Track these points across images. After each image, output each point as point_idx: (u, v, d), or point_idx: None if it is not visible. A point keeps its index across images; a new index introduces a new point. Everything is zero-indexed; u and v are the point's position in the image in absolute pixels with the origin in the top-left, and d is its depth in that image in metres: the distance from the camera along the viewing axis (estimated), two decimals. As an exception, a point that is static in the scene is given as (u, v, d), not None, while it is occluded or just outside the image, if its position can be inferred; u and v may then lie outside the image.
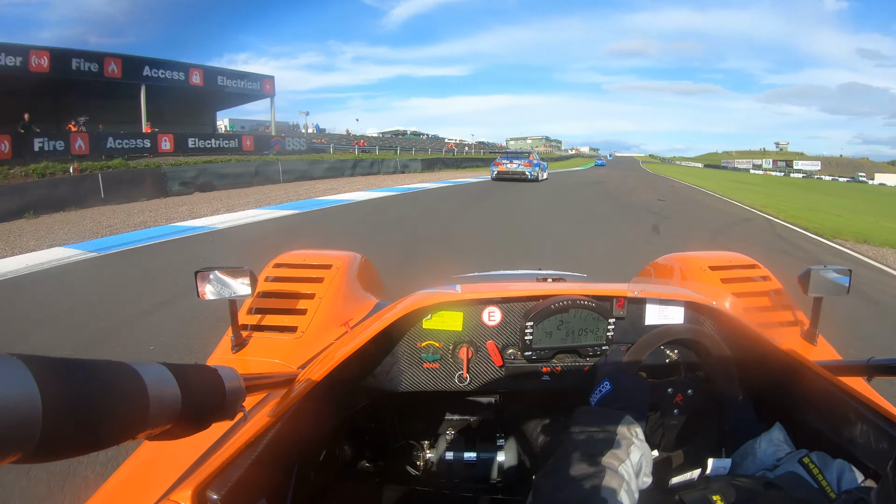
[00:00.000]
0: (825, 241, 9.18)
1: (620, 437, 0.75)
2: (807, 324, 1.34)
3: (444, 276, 1.73)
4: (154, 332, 3.62)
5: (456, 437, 1.30)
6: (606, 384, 0.93)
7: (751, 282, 1.57)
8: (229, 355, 1.25)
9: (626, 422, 0.78)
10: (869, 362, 0.91)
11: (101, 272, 5.58)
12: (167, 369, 0.49)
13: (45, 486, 1.96)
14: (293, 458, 0.91)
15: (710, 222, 11.19)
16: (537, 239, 8.06)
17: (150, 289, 4.74)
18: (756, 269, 1.62)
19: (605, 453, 0.71)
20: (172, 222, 8.71)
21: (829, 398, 0.94)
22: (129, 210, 10.17)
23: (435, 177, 22.06)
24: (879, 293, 5.45)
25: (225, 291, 1.18)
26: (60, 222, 8.63)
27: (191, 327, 3.64)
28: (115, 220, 8.78)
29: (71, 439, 0.36)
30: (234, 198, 12.41)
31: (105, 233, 7.67)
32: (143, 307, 4.17)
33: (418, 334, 1.14)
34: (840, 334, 1.71)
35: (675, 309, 1.16)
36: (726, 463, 0.85)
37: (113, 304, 4.27)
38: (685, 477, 0.82)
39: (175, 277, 5.02)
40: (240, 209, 10.56)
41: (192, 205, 11.06)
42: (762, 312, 1.44)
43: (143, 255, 6.36)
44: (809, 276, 1.22)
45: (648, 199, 15.83)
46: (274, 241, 5.85)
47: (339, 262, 1.60)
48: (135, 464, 0.88)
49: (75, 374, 0.37)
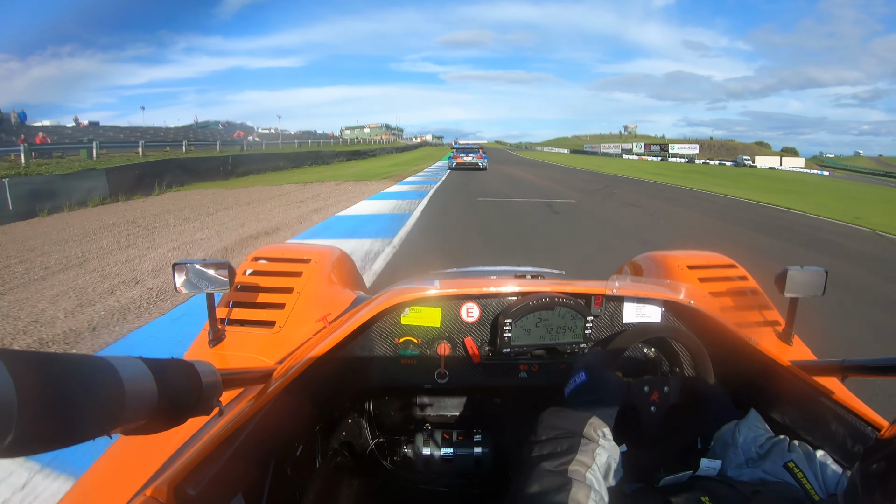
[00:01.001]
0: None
1: (586, 441, 0.75)
2: (783, 324, 1.37)
3: (422, 272, 1.72)
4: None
5: (433, 433, 1.32)
6: (582, 374, 0.94)
7: (728, 281, 1.59)
8: (206, 350, 1.23)
9: (592, 423, 0.78)
10: (843, 363, 0.93)
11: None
12: (143, 364, 0.49)
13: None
14: (270, 453, 0.91)
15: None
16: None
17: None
18: (734, 268, 1.64)
19: (571, 461, 0.71)
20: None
21: (804, 397, 0.96)
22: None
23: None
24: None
25: (202, 284, 1.16)
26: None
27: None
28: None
29: (46, 434, 0.36)
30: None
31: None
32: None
33: (396, 330, 1.14)
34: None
35: (652, 308, 1.17)
36: (716, 464, 0.86)
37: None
38: (675, 477, 0.84)
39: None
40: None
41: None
42: (739, 312, 1.46)
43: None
44: (786, 276, 1.24)
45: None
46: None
47: (318, 256, 1.59)
48: (110, 459, 0.87)
49: (51, 369, 0.37)
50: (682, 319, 1.18)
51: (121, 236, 7.38)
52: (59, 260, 5.83)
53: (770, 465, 0.87)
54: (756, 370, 1.04)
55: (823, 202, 15.79)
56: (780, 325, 1.39)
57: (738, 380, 1.06)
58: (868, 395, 1.03)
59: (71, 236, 7.43)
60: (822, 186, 27.13)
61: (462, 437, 1.31)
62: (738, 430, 0.96)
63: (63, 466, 2.00)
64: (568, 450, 0.73)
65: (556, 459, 0.72)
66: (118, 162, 14.62)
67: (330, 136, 54.52)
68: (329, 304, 1.37)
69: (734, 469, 0.92)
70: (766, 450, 0.90)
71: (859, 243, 8.40)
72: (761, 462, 0.89)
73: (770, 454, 0.89)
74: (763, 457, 0.90)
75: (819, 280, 1.26)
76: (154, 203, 11.47)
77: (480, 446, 1.30)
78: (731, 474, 0.91)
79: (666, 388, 1.03)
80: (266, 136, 41.17)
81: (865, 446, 0.59)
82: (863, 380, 0.92)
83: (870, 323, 4.29)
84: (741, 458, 0.93)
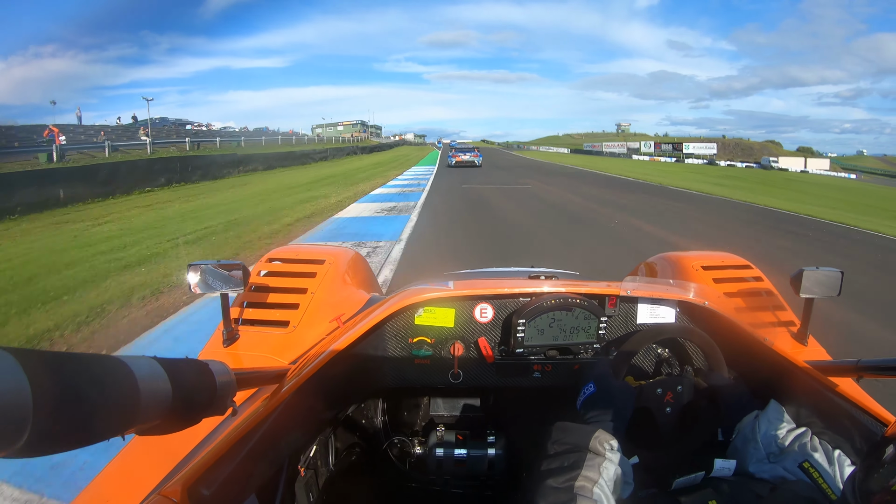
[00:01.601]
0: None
1: (592, 456, 0.75)
2: (798, 324, 1.35)
3: (436, 273, 1.67)
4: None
5: (446, 433, 1.31)
6: (591, 386, 0.94)
7: (743, 282, 1.57)
8: (220, 349, 1.24)
9: (598, 437, 0.77)
10: (858, 363, 0.92)
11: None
12: (158, 363, 0.49)
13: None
14: (283, 453, 0.91)
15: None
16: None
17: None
18: (748, 269, 1.62)
19: (576, 477, 0.71)
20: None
21: (819, 397, 0.95)
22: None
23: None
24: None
25: (217, 285, 1.17)
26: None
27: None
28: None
29: (61, 434, 0.36)
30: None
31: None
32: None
33: (410, 330, 1.14)
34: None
35: (666, 308, 1.16)
36: (730, 464, 0.85)
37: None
38: (689, 479, 0.83)
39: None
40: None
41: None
42: (753, 312, 1.44)
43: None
44: (802, 276, 1.22)
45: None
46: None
47: (332, 258, 1.60)
48: (124, 459, 0.88)
49: (66, 369, 0.37)
50: (696, 320, 1.16)
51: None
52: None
53: (790, 463, 0.86)
54: (771, 370, 1.03)
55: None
56: (795, 325, 1.37)
57: (752, 380, 1.05)
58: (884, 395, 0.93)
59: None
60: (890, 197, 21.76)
61: (475, 438, 1.30)
62: (758, 423, 0.95)
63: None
64: (573, 465, 0.73)
65: (562, 475, 0.72)
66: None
67: (290, 132, 46.32)
68: (343, 305, 1.37)
69: (755, 464, 0.91)
70: (787, 443, 0.89)
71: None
72: (782, 458, 0.88)
73: (790, 450, 0.88)
74: (784, 451, 0.89)
75: (835, 281, 1.24)
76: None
77: (493, 447, 1.29)
78: (751, 469, 0.90)
79: (679, 388, 1.02)
80: (203, 133, 32.62)
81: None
82: (879, 380, 0.90)
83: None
84: (762, 452, 0.92)
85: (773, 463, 0.89)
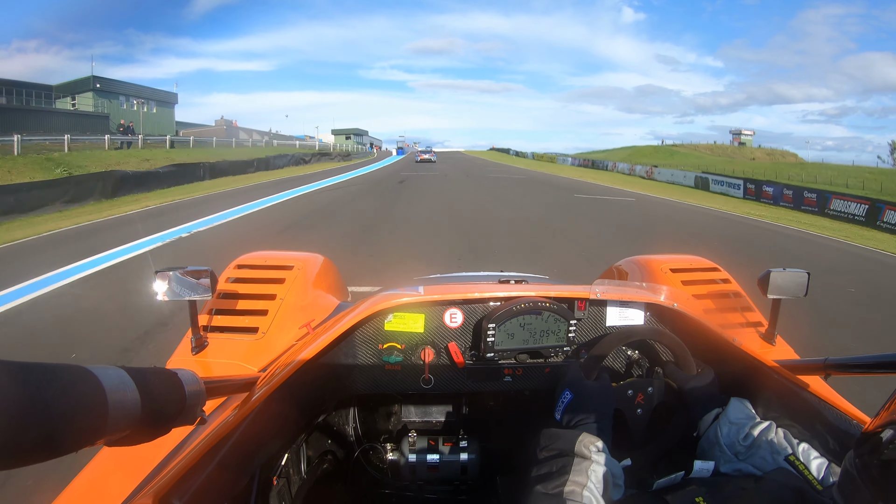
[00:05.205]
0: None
1: (579, 460, 0.75)
2: (766, 324, 1.39)
3: (405, 278, 1.67)
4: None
5: (419, 439, 1.31)
6: (567, 394, 0.94)
7: (712, 284, 1.61)
8: (189, 357, 1.21)
9: (583, 440, 0.77)
10: (826, 361, 0.95)
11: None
12: (126, 373, 0.48)
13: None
14: (255, 461, 0.90)
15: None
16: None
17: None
18: (716, 271, 1.66)
19: (565, 482, 0.71)
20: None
21: (788, 395, 0.99)
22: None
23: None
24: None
25: (184, 292, 1.15)
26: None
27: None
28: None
29: (28, 446, 0.35)
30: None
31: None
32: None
33: (380, 336, 1.13)
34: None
35: (635, 311, 1.18)
36: (709, 465, 0.86)
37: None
38: (669, 479, 0.85)
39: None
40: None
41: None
42: (722, 313, 1.48)
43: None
44: (769, 278, 1.25)
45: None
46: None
47: (301, 263, 1.58)
48: (93, 471, 0.85)
49: (32, 379, 0.36)
50: (665, 322, 1.18)
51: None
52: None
53: (759, 460, 0.87)
54: (740, 370, 1.05)
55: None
56: (763, 326, 1.41)
57: (722, 380, 1.08)
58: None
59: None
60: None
61: (448, 444, 1.31)
62: (718, 427, 0.96)
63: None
64: (561, 470, 0.74)
65: (551, 482, 0.72)
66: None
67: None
68: (312, 311, 1.36)
69: (724, 465, 0.92)
70: (751, 440, 0.90)
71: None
72: (751, 455, 0.89)
73: (759, 446, 0.89)
74: (751, 448, 0.90)
75: (801, 281, 1.27)
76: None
77: (466, 452, 1.30)
78: (723, 470, 0.91)
79: (650, 389, 1.04)
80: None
81: (852, 439, 0.60)
82: (846, 378, 0.93)
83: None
84: (728, 454, 0.93)
85: (742, 461, 0.90)
